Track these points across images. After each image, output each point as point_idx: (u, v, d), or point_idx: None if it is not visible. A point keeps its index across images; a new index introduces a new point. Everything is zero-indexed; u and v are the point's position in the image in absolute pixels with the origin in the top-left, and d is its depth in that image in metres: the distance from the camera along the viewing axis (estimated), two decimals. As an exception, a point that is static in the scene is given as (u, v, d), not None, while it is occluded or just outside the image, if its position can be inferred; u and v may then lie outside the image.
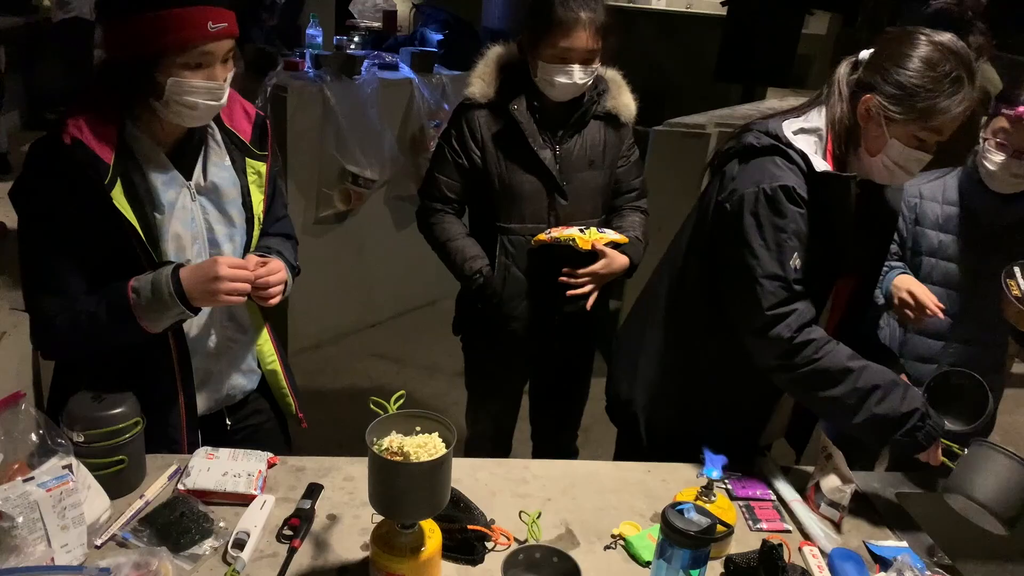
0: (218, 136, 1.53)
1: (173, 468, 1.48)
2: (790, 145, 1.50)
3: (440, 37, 4.30)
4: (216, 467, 1.45)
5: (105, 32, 1.36)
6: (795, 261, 1.48)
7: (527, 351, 2.22)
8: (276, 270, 1.50)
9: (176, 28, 1.31)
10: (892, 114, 1.43)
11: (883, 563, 1.40)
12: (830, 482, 1.50)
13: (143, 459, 1.45)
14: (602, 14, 1.93)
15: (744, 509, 1.52)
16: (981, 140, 1.80)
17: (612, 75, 2.13)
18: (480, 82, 2.05)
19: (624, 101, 2.12)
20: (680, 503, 1.27)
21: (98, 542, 1.29)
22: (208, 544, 1.30)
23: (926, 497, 1.64)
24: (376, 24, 4.73)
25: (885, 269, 1.90)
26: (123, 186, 1.37)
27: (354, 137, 3.59)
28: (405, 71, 3.88)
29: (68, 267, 1.40)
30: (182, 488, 1.41)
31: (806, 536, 1.47)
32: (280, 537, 1.35)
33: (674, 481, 1.59)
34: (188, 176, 1.48)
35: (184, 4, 1.31)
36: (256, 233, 1.58)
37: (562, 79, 1.94)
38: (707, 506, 1.33)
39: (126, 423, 1.37)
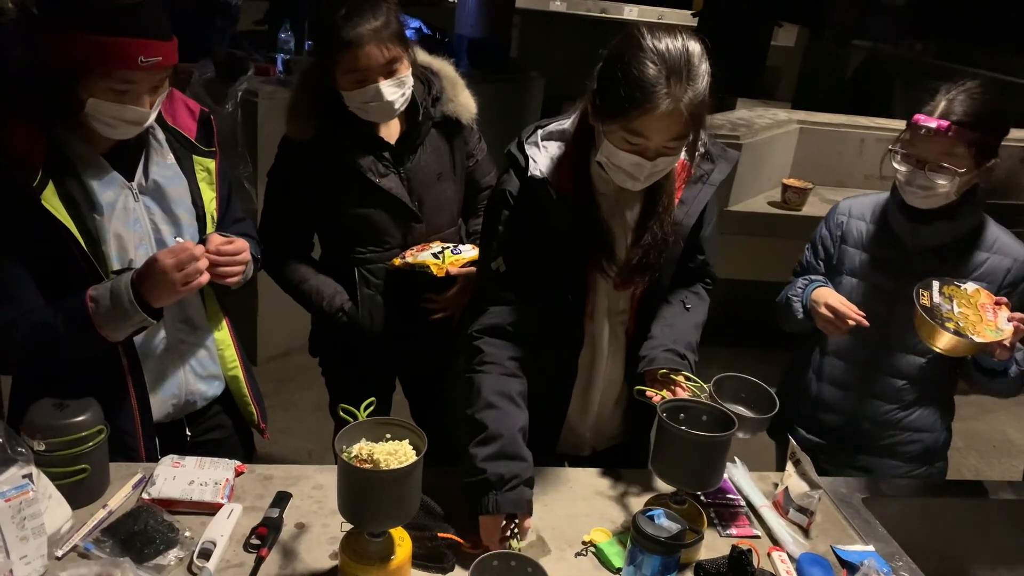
0: (160, 135, 1.51)
1: (137, 477, 1.45)
2: (521, 148, 1.49)
3: (412, 44, 4.29)
4: (182, 475, 1.43)
5: (36, 39, 1.34)
6: (495, 264, 1.50)
7: (393, 369, 2.16)
8: (241, 249, 1.50)
9: (104, 55, 1.29)
10: (596, 111, 1.37)
11: (850, 567, 1.42)
12: (798, 488, 1.52)
13: (106, 468, 1.43)
14: (391, 22, 1.77)
15: (714, 515, 1.53)
16: (888, 152, 1.71)
17: (445, 71, 1.98)
18: (298, 119, 1.84)
19: (462, 101, 1.96)
20: (650, 509, 1.28)
21: (59, 553, 1.26)
22: (173, 554, 1.28)
23: (892, 502, 1.66)
24: (348, 30, 4.71)
25: (804, 282, 1.82)
26: (56, 188, 1.35)
27: (325, 143, 3.55)
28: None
29: (14, 274, 1.37)
30: (147, 497, 1.39)
31: (775, 541, 1.48)
32: (247, 547, 1.33)
33: (645, 488, 1.59)
34: (130, 177, 1.46)
35: (119, 33, 1.29)
36: (210, 228, 1.57)
37: (372, 100, 1.77)
38: (677, 512, 1.34)
39: (88, 431, 1.35)
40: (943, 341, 1.55)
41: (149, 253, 1.46)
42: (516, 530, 1.34)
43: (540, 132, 1.52)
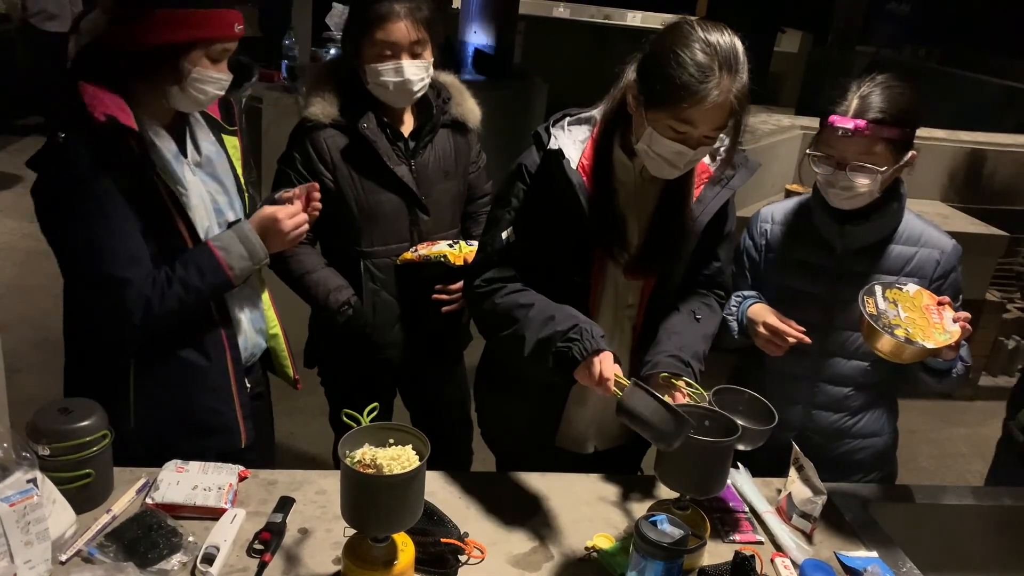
0: (196, 113, 1.60)
1: (141, 482, 1.46)
2: (547, 130, 1.54)
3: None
4: (185, 480, 1.43)
5: (126, 21, 1.42)
6: (505, 234, 1.57)
7: (397, 375, 2.14)
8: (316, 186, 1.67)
9: (211, 24, 1.44)
10: (641, 99, 1.41)
11: (854, 574, 1.42)
12: (801, 493, 1.51)
13: (110, 473, 1.43)
14: (424, 7, 1.85)
15: (717, 521, 1.53)
16: (806, 155, 1.66)
17: (451, 80, 2.05)
18: (320, 101, 1.89)
19: (469, 107, 2.05)
20: (653, 515, 1.28)
21: (63, 558, 1.26)
22: (176, 559, 1.28)
23: (896, 507, 1.66)
24: (353, 37, 4.72)
25: (738, 299, 1.76)
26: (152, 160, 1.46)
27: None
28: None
29: (135, 238, 1.45)
30: (150, 502, 1.39)
31: (778, 547, 1.48)
32: (251, 551, 1.33)
33: (648, 493, 1.59)
34: (183, 152, 1.55)
35: (217, 4, 1.44)
36: (247, 201, 1.67)
37: (393, 77, 1.83)
38: (680, 518, 1.34)
39: (93, 436, 1.35)
40: (894, 349, 1.49)
41: (214, 221, 1.58)
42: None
43: (568, 118, 1.57)
